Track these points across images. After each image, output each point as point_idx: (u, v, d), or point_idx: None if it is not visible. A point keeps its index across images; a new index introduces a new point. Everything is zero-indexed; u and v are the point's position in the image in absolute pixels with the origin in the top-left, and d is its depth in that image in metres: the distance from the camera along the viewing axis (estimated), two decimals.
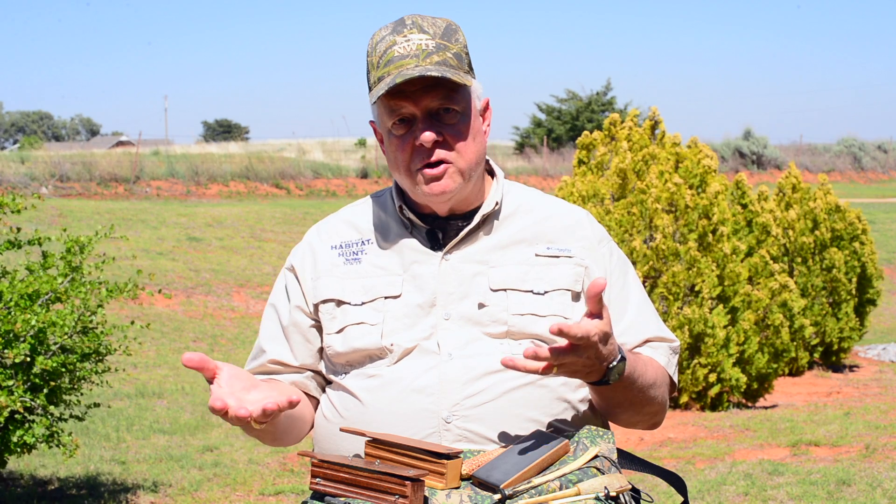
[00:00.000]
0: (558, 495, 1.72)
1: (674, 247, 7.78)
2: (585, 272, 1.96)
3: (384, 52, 1.87)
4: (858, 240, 10.81)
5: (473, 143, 1.91)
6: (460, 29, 1.92)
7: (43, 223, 15.16)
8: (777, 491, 5.06)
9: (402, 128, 1.89)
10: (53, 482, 5.80)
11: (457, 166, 1.89)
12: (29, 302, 4.62)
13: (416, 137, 1.87)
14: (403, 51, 1.85)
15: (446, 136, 1.88)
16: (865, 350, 11.87)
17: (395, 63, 1.85)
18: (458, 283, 1.93)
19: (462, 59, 1.89)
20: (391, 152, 1.92)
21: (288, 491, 5.56)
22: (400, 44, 1.86)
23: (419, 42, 1.86)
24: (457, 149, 1.89)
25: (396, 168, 1.93)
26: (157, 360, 10.13)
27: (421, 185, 1.90)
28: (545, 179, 28.94)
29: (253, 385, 1.73)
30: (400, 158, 1.90)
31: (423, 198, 1.93)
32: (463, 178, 1.91)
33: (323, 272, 2.00)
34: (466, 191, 1.94)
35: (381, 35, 1.89)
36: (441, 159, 1.88)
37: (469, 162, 1.91)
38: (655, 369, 1.96)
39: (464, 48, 1.90)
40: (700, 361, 7.78)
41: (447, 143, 1.88)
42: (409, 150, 1.89)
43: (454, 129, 1.89)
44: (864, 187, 34.80)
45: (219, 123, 61.52)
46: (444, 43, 1.87)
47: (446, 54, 1.87)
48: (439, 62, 1.85)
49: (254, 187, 26.10)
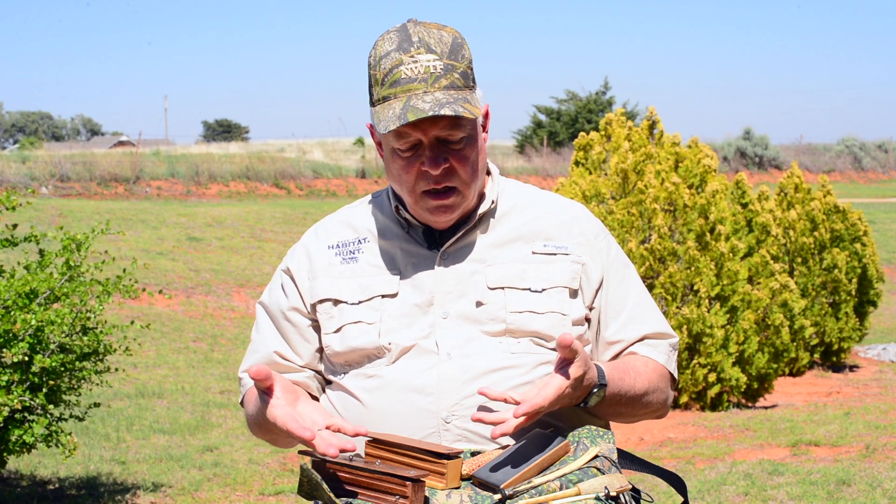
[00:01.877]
0: (558, 495, 1.72)
1: (671, 246, 7.78)
2: (583, 269, 1.96)
3: (390, 70, 1.84)
4: (860, 241, 10.81)
5: (478, 161, 1.92)
6: (465, 42, 1.89)
7: (43, 223, 15.16)
8: (777, 491, 5.05)
9: (409, 151, 1.88)
10: (53, 482, 5.80)
11: (462, 191, 1.90)
12: (27, 301, 4.61)
13: (422, 162, 1.87)
14: (411, 73, 1.83)
15: (453, 161, 1.87)
16: (865, 350, 11.87)
17: (403, 86, 1.83)
18: (455, 282, 1.93)
19: (468, 77, 1.87)
20: (395, 170, 1.91)
21: (288, 491, 5.56)
22: (407, 64, 1.83)
23: (427, 64, 1.83)
24: (462, 174, 1.89)
25: (399, 185, 1.92)
26: (157, 360, 10.13)
27: (425, 210, 1.90)
28: (545, 179, 28.94)
29: (297, 396, 1.81)
30: (404, 179, 1.90)
31: (425, 218, 1.93)
32: (467, 198, 1.92)
33: (320, 272, 2.00)
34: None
35: (386, 49, 1.85)
36: (447, 186, 1.88)
37: (474, 181, 1.91)
38: (650, 375, 1.96)
39: (469, 64, 1.88)
40: (699, 361, 7.78)
41: (453, 169, 1.88)
42: (415, 173, 1.88)
43: (460, 155, 1.88)
44: (865, 187, 34.81)
45: (219, 123, 61.54)
46: (451, 63, 1.85)
47: (454, 75, 1.84)
48: (447, 86, 1.83)
49: (254, 187, 26.10)
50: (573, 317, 1.93)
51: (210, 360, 10.42)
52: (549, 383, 1.75)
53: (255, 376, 1.72)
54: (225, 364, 10.20)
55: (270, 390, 1.75)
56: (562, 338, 1.72)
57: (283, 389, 1.77)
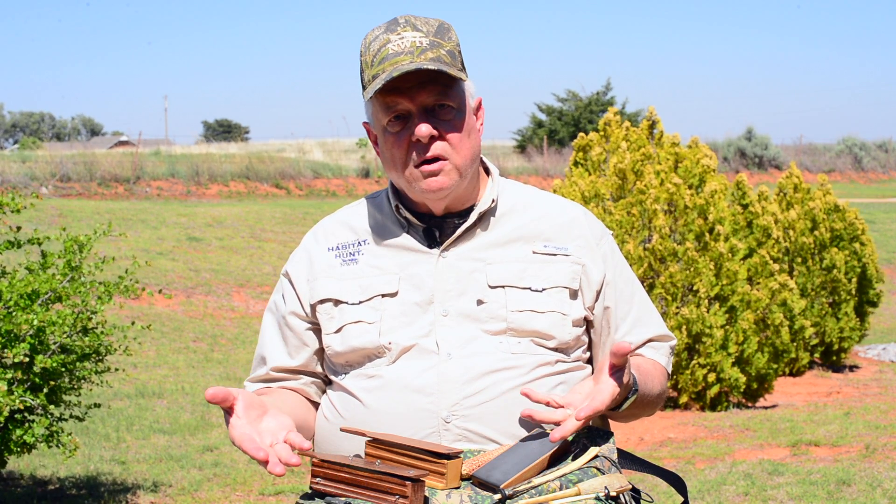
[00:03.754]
0: (558, 495, 1.72)
1: (671, 247, 7.79)
2: (583, 270, 1.97)
3: (378, 50, 1.88)
4: (859, 240, 10.80)
5: (468, 140, 1.93)
6: (453, 28, 1.93)
7: (43, 223, 15.16)
8: (777, 491, 5.06)
9: (398, 125, 1.90)
10: (53, 482, 5.80)
11: (453, 163, 1.90)
12: (28, 301, 4.62)
13: (411, 133, 1.88)
14: (398, 48, 1.86)
15: (442, 131, 1.89)
16: (865, 350, 11.87)
17: (390, 60, 1.86)
18: (455, 280, 1.93)
19: (455, 57, 1.90)
20: (387, 150, 1.93)
21: (288, 491, 5.56)
22: (394, 41, 1.87)
23: (413, 39, 1.87)
24: (453, 144, 1.90)
25: (393, 166, 1.93)
26: (157, 360, 10.13)
27: (418, 182, 1.91)
28: (545, 179, 28.93)
29: (264, 411, 1.76)
30: (396, 155, 1.91)
31: (420, 195, 1.93)
32: (459, 174, 1.92)
33: (320, 273, 2.00)
34: (461, 188, 1.95)
35: (375, 34, 1.90)
36: (437, 155, 1.89)
37: (465, 158, 1.92)
38: (660, 378, 2.00)
39: (457, 46, 1.91)
40: (699, 361, 7.78)
41: (443, 138, 1.89)
42: (405, 146, 1.90)
43: (450, 125, 1.90)
44: (865, 187, 34.80)
45: (219, 123, 61.50)
46: (437, 41, 1.88)
47: (440, 51, 1.87)
48: (434, 58, 1.86)
49: (254, 187, 26.10)
50: (573, 317, 1.94)
51: (210, 360, 10.42)
52: (603, 388, 1.77)
53: (212, 399, 1.69)
54: (225, 364, 10.20)
55: (231, 410, 1.73)
56: (619, 346, 1.73)
57: (247, 407, 1.73)
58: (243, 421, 1.72)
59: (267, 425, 1.73)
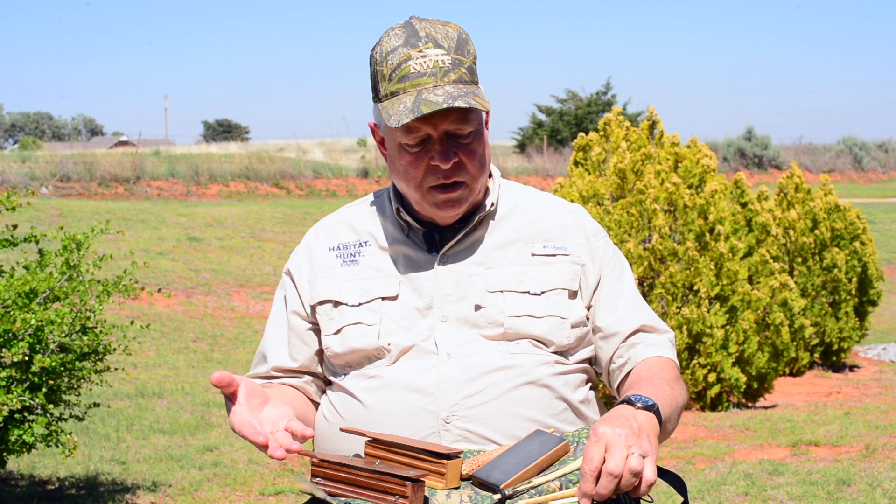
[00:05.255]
0: (558, 495, 1.72)
1: (671, 247, 7.79)
2: (582, 269, 1.96)
3: (398, 65, 1.84)
4: (859, 239, 10.80)
5: (484, 157, 1.93)
6: (470, 38, 1.90)
7: (43, 223, 15.16)
8: (777, 491, 5.05)
9: (417, 146, 1.88)
10: (53, 482, 5.80)
11: (469, 184, 1.90)
12: (26, 300, 4.61)
13: (431, 157, 1.87)
14: (420, 67, 1.83)
15: (461, 155, 1.88)
16: (865, 350, 11.87)
17: (412, 80, 1.83)
18: (454, 285, 1.93)
19: (474, 72, 1.89)
20: (401, 165, 1.91)
21: (288, 491, 5.56)
22: (415, 59, 1.84)
23: (435, 59, 1.84)
24: (470, 165, 1.89)
25: (406, 181, 1.91)
26: (157, 360, 10.13)
27: (432, 203, 1.90)
28: (545, 179, 28.95)
29: (265, 400, 1.77)
30: (412, 173, 1.89)
31: (431, 213, 1.93)
32: (474, 192, 1.92)
33: (320, 273, 2.00)
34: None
35: (393, 45, 1.86)
36: (456, 180, 1.89)
37: (480, 175, 1.92)
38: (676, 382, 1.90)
39: (474, 59, 1.90)
40: (699, 361, 7.78)
41: (462, 163, 1.88)
42: (424, 168, 1.88)
43: (468, 149, 1.89)
44: (865, 187, 34.82)
45: (219, 123, 61.52)
46: (458, 58, 1.86)
47: (461, 70, 1.86)
48: (456, 80, 1.84)
49: (254, 187, 26.11)
50: (572, 319, 1.93)
51: (210, 360, 10.42)
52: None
53: (217, 383, 1.70)
54: (225, 364, 10.20)
55: (234, 396, 1.73)
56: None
57: (248, 394, 1.74)
58: (244, 408, 1.73)
59: (268, 414, 1.74)
